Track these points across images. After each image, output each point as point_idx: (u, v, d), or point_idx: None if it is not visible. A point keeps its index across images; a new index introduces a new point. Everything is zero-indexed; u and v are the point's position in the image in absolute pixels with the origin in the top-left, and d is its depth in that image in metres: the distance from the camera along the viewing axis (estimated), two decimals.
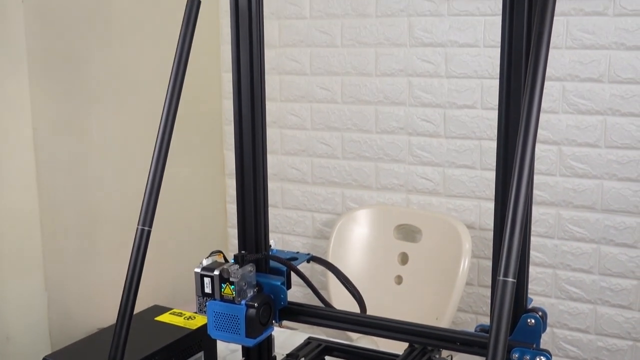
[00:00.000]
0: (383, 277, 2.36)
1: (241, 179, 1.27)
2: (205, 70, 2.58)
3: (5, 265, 1.86)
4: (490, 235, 2.17)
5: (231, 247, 2.77)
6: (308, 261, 1.29)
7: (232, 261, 1.17)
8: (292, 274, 1.25)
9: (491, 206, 2.08)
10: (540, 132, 2.20)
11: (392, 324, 1.16)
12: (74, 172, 2.04)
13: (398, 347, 1.22)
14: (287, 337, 1.48)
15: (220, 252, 1.21)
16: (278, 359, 1.28)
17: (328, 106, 2.49)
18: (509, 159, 1.09)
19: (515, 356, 1.01)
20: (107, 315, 2.14)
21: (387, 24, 2.35)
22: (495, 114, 1.14)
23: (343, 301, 1.38)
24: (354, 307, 1.26)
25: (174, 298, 2.40)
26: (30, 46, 1.85)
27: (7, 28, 1.82)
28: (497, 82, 1.13)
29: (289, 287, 1.24)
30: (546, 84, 2.14)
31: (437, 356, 1.19)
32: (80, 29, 2.02)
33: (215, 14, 2.60)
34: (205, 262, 1.18)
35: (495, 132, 1.13)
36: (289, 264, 1.24)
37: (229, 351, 1.45)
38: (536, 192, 2.24)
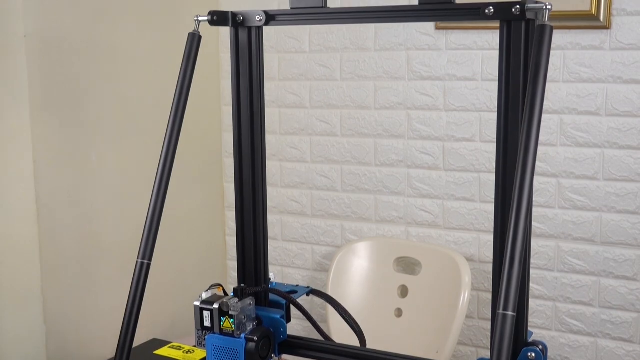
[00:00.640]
0: (383, 310, 2.35)
1: (241, 211, 1.28)
2: (205, 103, 2.59)
3: (4, 296, 1.85)
4: (490, 268, 2.16)
5: (230, 279, 2.76)
6: (308, 294, 1.29)
7: (232, 294, 1.17)
8: (292, 307, 1.25)
9: (491, 239, 2.08)
10: (538, 164, 2.20)
11: (393, 358, 1.15)
12: (74, 204, 2.04)
13: None
14: None
15: (220, 285, 1.21)
16: None
17: (327, 139, 2.50)
18: (507, 192, 1.09)
19: None
20: (106, 348, 2.13)
21: (385, 58, 2.37)
22: (494, 147, 1.15)
23: (343, 334, 1.38)
24: (354, 341, 1.26)
25: (173, 331, 2.39)
26: (32, 79, 1.87)
27: (9, 62, 1.84)
28: (496, 115, 1.14)
29: (288, 320, 1.24)
30: (544, 117, 2.16)
31: None
32: (81, 62, 2.04)
33: (216, 47, 2.62)
34: (204, 295, 1.18)
35: (494, 164, 1.14)
36: (288, 297, 1.23)
37: None
38: (535, 224, 2.24)
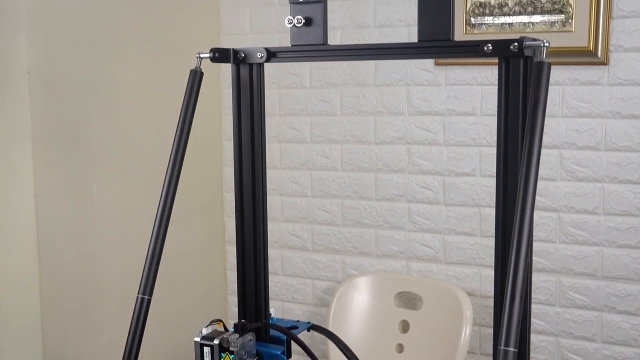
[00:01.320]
0: (384, 346, 2.33)
1: (241, 246, 1.28)
2: (206, 137, 2.61)
3: (4, 330, 1.84)
4: (492, 303, 2.15)
5: (231, 314, 2.75)
6: (308, 330, 1.29)
7: (232, 330, 1.17)
8: (293, 342, 1.24)
9: (492, 273, 2.08)
10: (539, 199, 2.21)
11: None
12: (75, 239, 2.04)
13: None
14: None
15: (220, 320, 1.20)
16: None
17: (328, 173, 2.51)
18: (507, 227, 1.10)
19: None
20: None
21: (385, 93, 2.39)
22: (494, 182, 1.16)
23: None
24: None
25: None
26: (35, 115, 1.88)
27: (12, 97, 1.86)
28: (495, 150, 1.15)
29: (289, 356, 1.23)
30: (543, 151, 2.18)
31: None
32: (83, 98, 2.05)
33: (217, 82, 2.64)
34: (204, 331, 1.17)
35: (495, 199, 1.14)
36: (289, 332, 1.23)
37: None
38: (536, 259, 2.23)
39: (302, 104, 2.52)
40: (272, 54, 1.29)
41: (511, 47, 1.08)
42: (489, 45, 1.11)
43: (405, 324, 2.34)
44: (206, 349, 1.14)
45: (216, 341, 1.13)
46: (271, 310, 1.28)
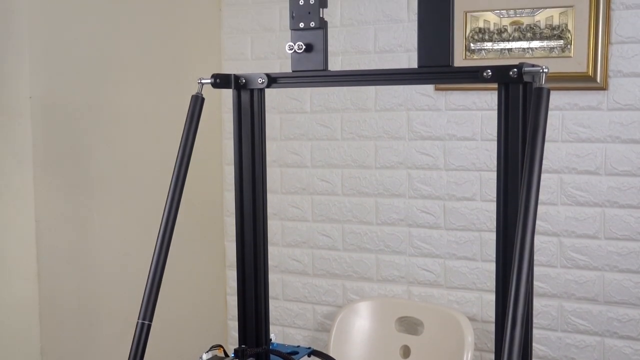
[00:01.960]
0: None
1: (242, 270, 1.28)
2: (207, 162, 2.61)
3: (3, 356, 1.83)
4: (493, 328, 2.14)
5: (231, 339, 2.74)
6: (309, 355, 1.28)
7: (233, 355, 1.16)
8: None
9: (493, 298, 2.07)
10: (539, 223, 2.21)
11: None
12: (75, 264, 2.04)
13: None
14: None
15: (220, 346, 1.20)
16: None
17: (328, 198, 2.51)
18: (508, 251, 1.10)
19: None
20: None
21: (386, 118, 2.40)
22: (495, 206, 1.16)
23: None
24: None
25: None
26: (36, 140, 1.89)
27: (14, 122, 1.86)
28: (496, 175, 1.15)
29: None
30: (544, 176, 2.18)
31: None
32: (85, 124, 2.06)
33: (218, 107, 2.65)
34: (205, 357, 1.17)
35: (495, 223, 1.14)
36: (289, 358, 1.22)
37: None
38: (537, 283, 2.23)
39: (302, 129, 2.53)
40: (273, 80, 1.30)
41: (510, 72, 1.09)
42: (489, 71, 1.11)
43: (407, 349, 2.32)
44: None
45: None
46: (272, 336, 1.28)
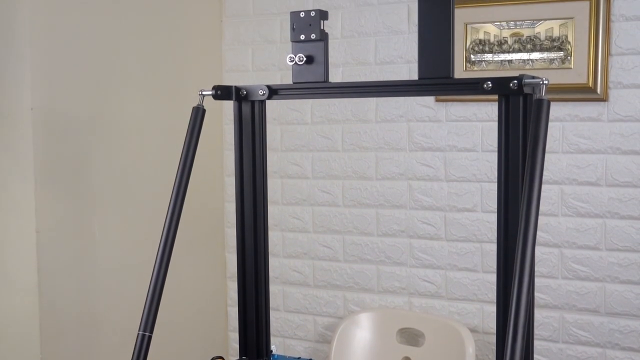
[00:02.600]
0: None
1: (243, 281, 1.28)
2: (208, 173, 2.62)
3: None
4: (495, 339, 2.14)
5: (232, 351, 2.73)
6: None
7: None
8: None
9: (494, 309, 2.07)
10: (540, 234, 2.21)
11: None
12: (75, 275, 2.04)
13: None
14: None
15: (221, 357, 1.20)
16: None
17: (329, 209, 2.51)
18: (509, 262, 1.10)
19: None
20: None
21: (386, 129, 2.40)
22: (496, 217, 1.16)
23: None
24: None
25: None
26: (37, 151, 1.89)
27: (16, 133, 1.87)
28: (496, 186, 1.15)
29: None
30: (544, 187, 2.18)
31: None
32: (86, 135, 2.07)
33: (219, 119, 2.66)
34: None
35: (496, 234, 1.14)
36: None
37: None
38: (539, 295, 2.22)
39: (303, 140, 2.54)
40: (273, 92, 1.30)
41: (511, 84, 1.09)
42: (489, 82, 1.12)
43: None
44: None
45: None
46: (272, 347, 1.28)
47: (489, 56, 2.21)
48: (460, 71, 2.25)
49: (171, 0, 2.39)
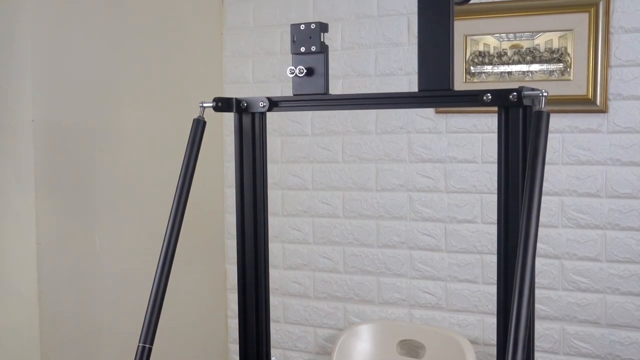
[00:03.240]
0: None
1: (243, 293, 1.27)
2: (208, 184, 2.62)
3: None
4: (495, 351, 2.13)
5: None
6: None
7: None
8: None
9: (495, 321, 2.07)
10: (541, 246, 2.21)
11: None
12: (76, 287, 2.04)
13: None
14: None
15: None
16: None
17: (330, 220, 2.51)
18: (509, 274, 1.10)
19: None
20: None
21: (387, 141, 2.41)
22: (496, 228, 1.16)
23: None
24: None
25: None
26: (38, 163, 1.89)
27: (17, 145, 1.87)
28: (496, 197, 1.15)
29: None
30: (545, 198, 2.18)
31: None
32: (87, 146, 2.07)
33: (219, 130, 2.66)
34: None
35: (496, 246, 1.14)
36: None
37: None
38: (539, 306, 2.22)
39: (303, 151, 2.54)
40: (274, 104, 1.30)
41: (510, 96, 1.10)
42: (489, 95, 1.12)
43: None
44: None
45: None
46: (273, 359, 1.28)
47: (488, 68, 2.22)
48: (460, 83, 2.26)
49: (172, 13, 2.40)
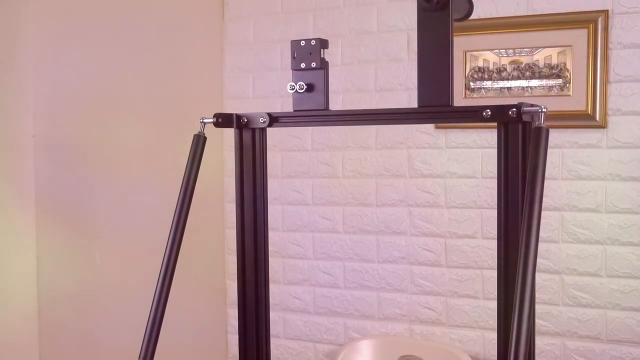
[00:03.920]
0: None
1: (243, 309, 1.27)
2: (208, 200, 2.62)
3: None
4: None
5: None
6: None
7: None
8: None
9: (495, 336, 2.06)
10: (541, 261, 2.20)
11: None
12: (76, 302, 2.03)
13: None
14: None
15: None
16: None
17: (329, 236, 2.51)
18: (510, 289, 1.09)
19: None
20: None
21: (387, 156, 2.41)
22: (496, 244, 1.16)
23: None
24: None
25: None
26: (39, 178, 1.90)
27: (17, 160, 1.87)
28: (496, 213, 1.16)
29: None
30: (545, 213, 2.18)
31: None
32: (87, 162, 2.07)
33: (220, 145, 2.67)
34: None
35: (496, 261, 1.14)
36: None
37: None
38: (540, 321, 2.21)
39: (304, 167, 2.54)
40: (274, 119, 1.31)
41: (510, 112, 1.10)
42: (488, 110, 1.12)
43: None
44: None
45: None
46: None
47: (488, 83, 2.22)
48: (460, 98, 2.27)
49: (172, 28, 2.41)
